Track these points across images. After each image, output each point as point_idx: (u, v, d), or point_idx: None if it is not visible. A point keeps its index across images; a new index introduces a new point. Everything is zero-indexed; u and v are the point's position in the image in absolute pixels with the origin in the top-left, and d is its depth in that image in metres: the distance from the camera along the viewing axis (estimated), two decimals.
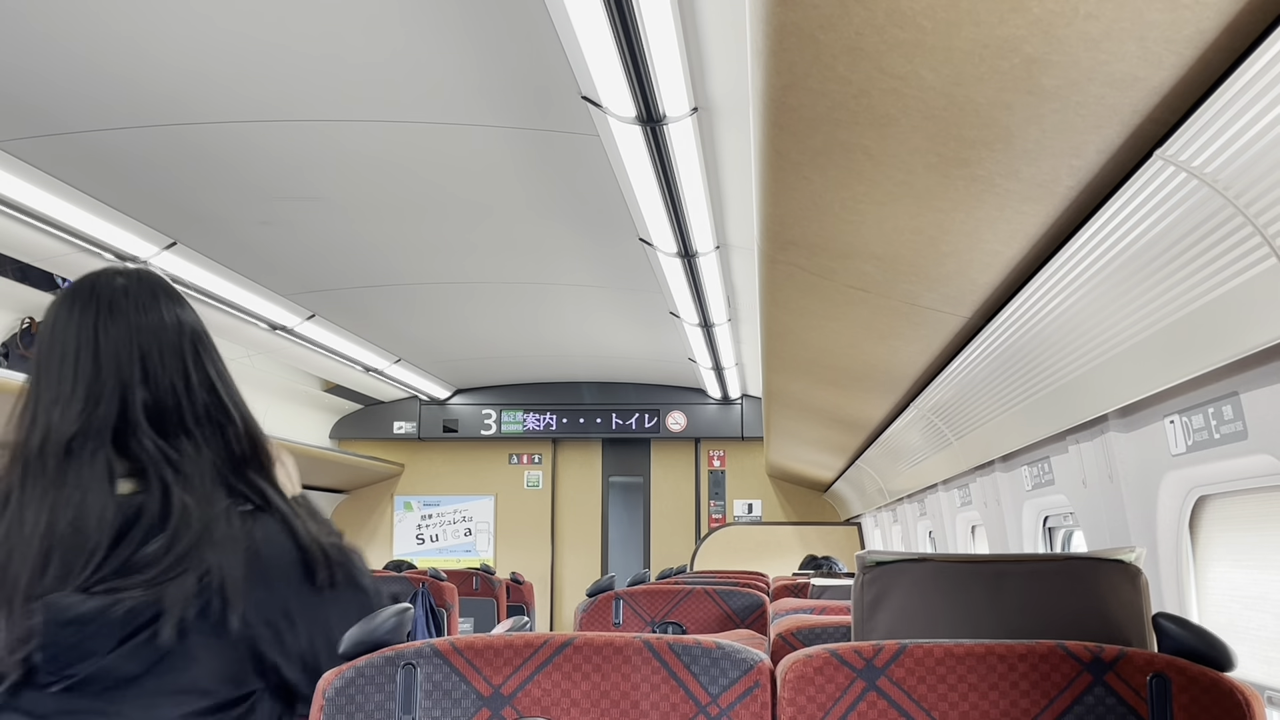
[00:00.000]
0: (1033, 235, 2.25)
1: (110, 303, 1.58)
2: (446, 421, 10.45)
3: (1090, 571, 1.71)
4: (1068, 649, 1.47)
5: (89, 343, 1.55)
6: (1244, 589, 2.49)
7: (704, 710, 1.50)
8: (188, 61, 3.39)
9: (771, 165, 2.23)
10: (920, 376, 3.95)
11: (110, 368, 1.54)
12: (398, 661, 1.52)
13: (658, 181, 4.02)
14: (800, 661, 1.50)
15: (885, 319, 3.29)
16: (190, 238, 5.00)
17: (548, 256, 5.88)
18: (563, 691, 1.51)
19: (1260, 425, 2.04)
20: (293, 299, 6.29)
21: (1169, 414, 2.42)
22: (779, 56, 1.70)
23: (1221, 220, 1.65)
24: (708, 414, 10.29)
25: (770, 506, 10.59)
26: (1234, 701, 1.41)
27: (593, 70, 3.14)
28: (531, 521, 10.69)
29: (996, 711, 1.45)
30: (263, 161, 4.25)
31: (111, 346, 1.55)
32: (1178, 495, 2.59)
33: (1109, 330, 2.25)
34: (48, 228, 4.45)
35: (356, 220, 5.11)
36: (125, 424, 1.52)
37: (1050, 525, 3.90)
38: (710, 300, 5.99)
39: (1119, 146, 1.78)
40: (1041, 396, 2.94)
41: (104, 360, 1.54)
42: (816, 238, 2.67)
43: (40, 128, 3.76)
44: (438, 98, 3.72)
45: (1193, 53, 1.47)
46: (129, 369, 1.55)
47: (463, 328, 7.85)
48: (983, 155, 1.92)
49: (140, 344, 1.56)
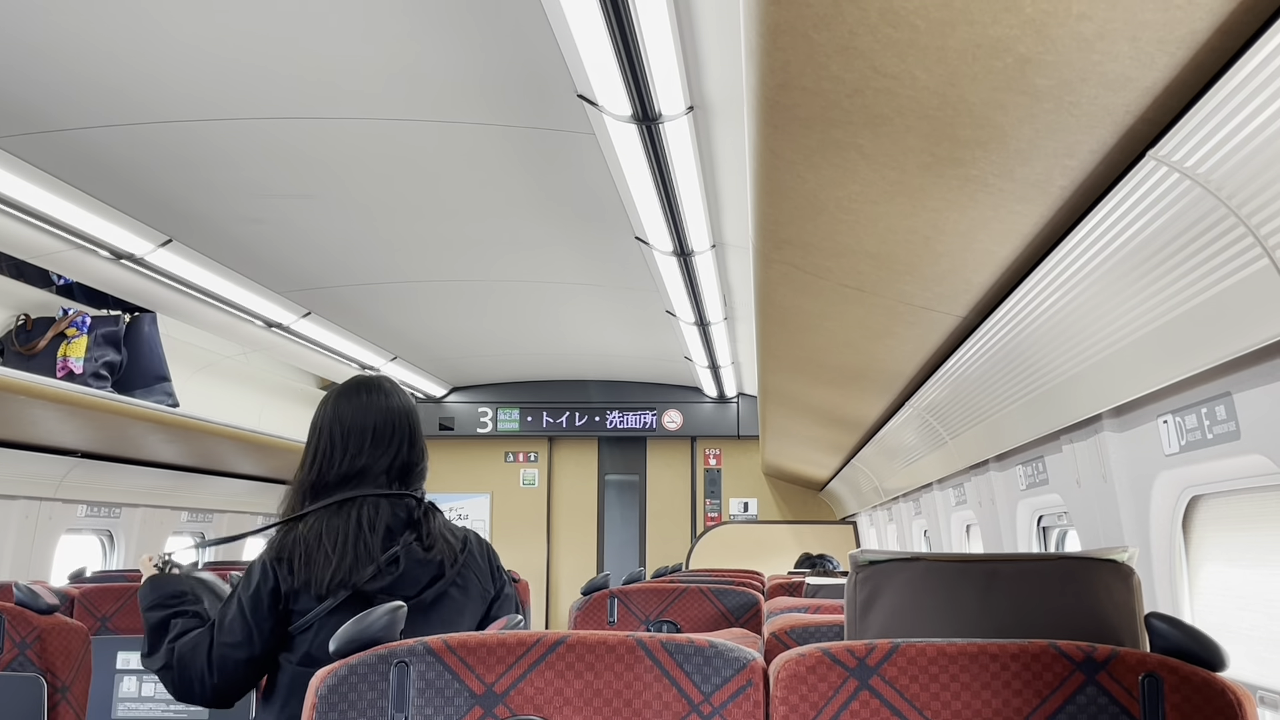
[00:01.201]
0: (1026, 235, 2.26)
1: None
2: (442, 419, 10.45)
3: (1083, 571, 1.72)
4: (1060, 649, 1.47)
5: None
6: (1236, 589, 2.49)
7: (696, 709, 1.50)
8: (183, 59, 3.39)
9: (766, 164, 2.23)
10: (915, 375, 3.96)
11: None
12: (390, 659, 1.52)
13: (653, 180, 4.02)
14: (793, 660, 1.50)
15: (880, 318, 3.29)
16: (186, 235, 4.99)
17: (544, 255, 5.88)
18: (555, 690, 1.51)
19: (1253, 425, 2.04)
20: (288, 297, 6.29)
21: (1162, 414, 2.43)
22: (773, 55, 1.71)
23: (1214, 221, 1.65)
24: (703, 413, 10.30)
25: (766, 505, 10.59)
26: (1226, 701, 1.41)
27: (588, 68, 3.14)
28: (527, 520, 10.69)
29: (989, 711, 1.46)
30: (257, 159, 4.24)
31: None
32: (1171, 495, 2.60)
33: (1103, 330, 2.26)
34: (43, 225, 4.44)
35: (353, 218, 5.11)
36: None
37: (1044, 525, 3.91)
38: (706, 299, 5.99)
39: (1112, 147, 1.78)
40: (1036, 396, 2.95)
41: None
42: (811, 237, 2.67)
43: (34, 125, 3.75)
44: (434, 96, 3.72)
45: (1185, 53, 1.47)
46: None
47: (459, 326, 7.85)
48: (976, 155, 1.92)
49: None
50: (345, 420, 2.40)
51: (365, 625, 1.55)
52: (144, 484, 6.75)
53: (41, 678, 2.53)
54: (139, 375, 6.25)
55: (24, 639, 2.54)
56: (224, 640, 2.21)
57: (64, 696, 2.56)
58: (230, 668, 2.20)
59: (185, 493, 7.30)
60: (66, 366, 5.91)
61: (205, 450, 6.94)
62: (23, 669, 2.54)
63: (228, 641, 2.20)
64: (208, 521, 7.75)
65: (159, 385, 6.29)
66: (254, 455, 7.58)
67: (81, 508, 6.21)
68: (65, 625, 2.61)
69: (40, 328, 5.97)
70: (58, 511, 5.94)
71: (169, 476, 6.92)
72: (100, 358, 6.04)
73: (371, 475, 2.38)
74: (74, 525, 6.22)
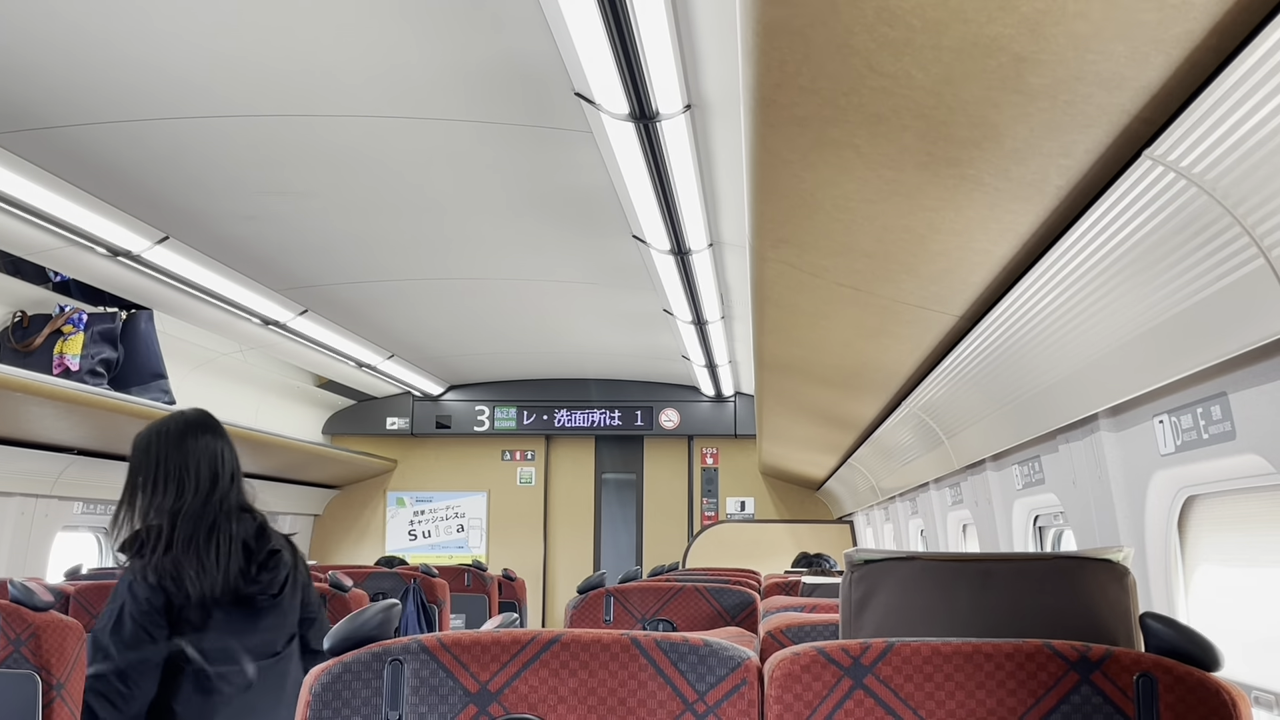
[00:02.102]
0: (1023, 234, 2.26)
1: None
2: (439, 417, 10.45)
3: (1078, 571, 1.71)
4: (1054, 648, 1.47)
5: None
6: (1231, 589, 2.49)
7: (691, 708, 1.50)
8: (178, 57, 3.39)
9: (762, 163, 2.23)
10: (912, 375, 3.96)
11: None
12: (385, 657, 1.52)
13: (651, 178, 4.02)
14: (787, 659, 1.50)
15: (877, 317, 3.29)
16: (182, 232, 4.99)
17: (541, 253, 5.88)
18: (550, 689, 1.51)
19: (1248, 425, 2.04)
20: (285, 294, 6.28)
21: (1158, 414, 2.43)
22: (769, 54, 1.70)
23: (1210, 220, 1.65)
24: (701, 411, 10.29)
25: (763, 504, 10.60)
26: (1220, 701, 1.41)
27: (586, 67, 3.14)
28: (524, 518, 10.68)
29: (983, 710, 1.46)
30: (254, 157, 4.24)
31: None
32: (1166, 495, 2.60)
33: (1099, 330, 2.26)
34: (39, 221, 4.44)
35: (350, 216, 5.11)
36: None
37: (1040, 524, 3.91)
38: (704, 298, 5.99)
39: (1107, 146, 1.78)
40: (1032, 396, 2.95)
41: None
42: (808, 235, 2.67)
43: (31, 122, 3.75)
44: (431, 94, 3.72)
45: (1181, 53, 1.47)
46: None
47: (456, 324, 7.84)
48: (972, 154, 1.92)
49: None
50: (198, 453, 2.84)
51: (360, 623, 1.55)
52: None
53: (36, 675, 2.53)
54: (135, 372, 6.25)
55: (19, 636, 2.54)
56: (131, 655, 2.60)
57: (59, 693, 2.56)
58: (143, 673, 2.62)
59: None
60: (63, 363, 5.91)
61: None
62: (17, 666, 2.53)
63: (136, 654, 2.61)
64: None
65: (155, 382, 6.28)
66: (250, 453, 7.57)
67: (77, 505, 6.20)
68: (60, 622, 2.61)
69: (37, 325, 5.96)
70: (53, 508, 5.94)
71: None
72: (97, 355, 6.04)
73: (228, 499, 2.84)
74: (70, 522, 6.21)
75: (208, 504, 2.77)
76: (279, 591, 2.82)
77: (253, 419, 7.98)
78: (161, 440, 2.83)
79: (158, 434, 2.84)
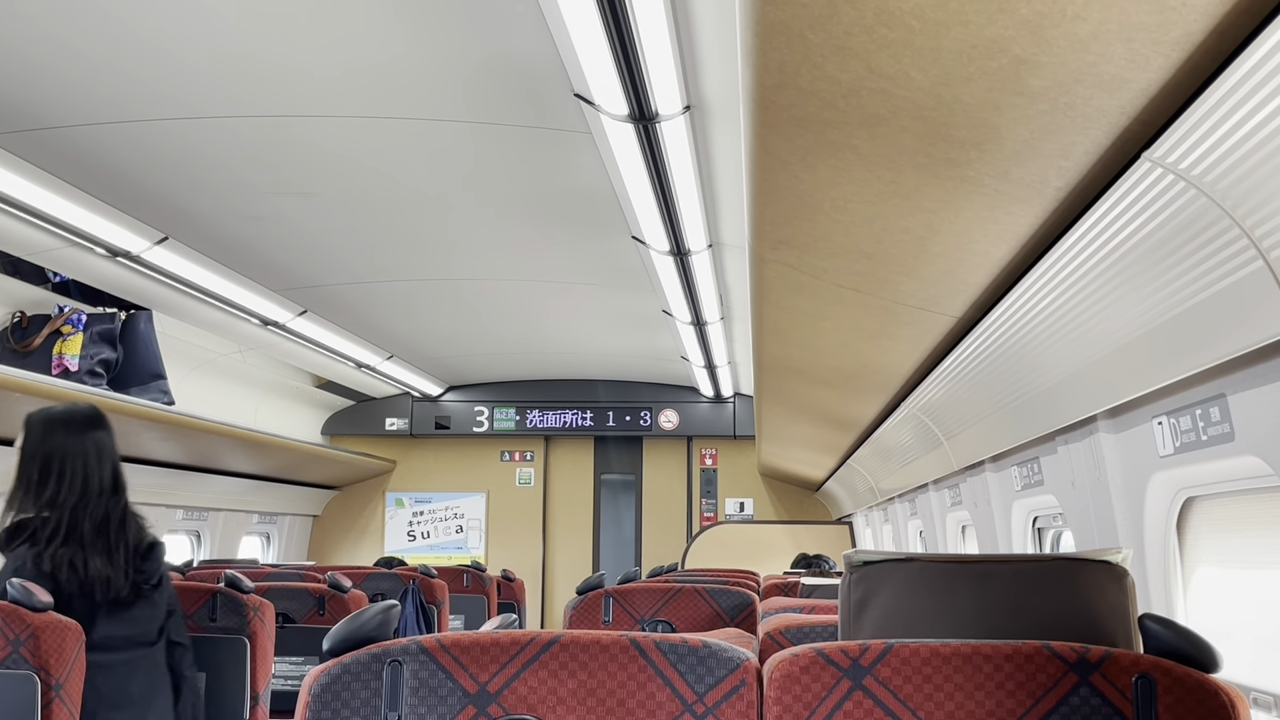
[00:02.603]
0: (1022, 236, 2.26)
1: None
2: (439, 418, 10.44)
3: (1077, 572, 1.71)
4: (1054, 650, 1.47)
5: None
6: (1230, 590, 2.49)
7: (690, 709, 1.50)
8: (177, 57, 3.39)
9: (761, 164, 2.23)
10: (911, 376, 3.96)
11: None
12: (384, 659, 1.52)
13: (650, 180, 4.02)
14: (786, 660, 1.50)
15: (876, 318, 3.29)
16: (181, 233, 4.98)
17: (540, 254, 5.88)
18: (549, 689, 1.51)
19: (1247, 427, 2.04)
20: (284, 295, 6.28)
21: (1157, 415, 2.43)
22: (768, 55, 1.70)
23: (1209, 222, 1.65)
24: (700, 412, 10.29)
25: (762, 505, 10.59)
26: (1219, 703, 1.41)
27: (585, 68, 3.14)
28: (523, 519, 10.68)
29: (982, 711, 1.46)
30: (254, 157, 4.24)
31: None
32: (1165, 496, 2.60)
33: (1098, 331, 2.26)
34: (39, 222, 4.44)
35: (349, 216, 5.11)
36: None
37: (1039, 526, 3.91)
38: (703, 299, 5.98)
39: (1107, 148, 1.78)
40: (1031, 397, 2.95)
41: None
42: (807, 237, 2.67)
43: (30, 122, 3.75)
44: (430, 94, 3.72)
45: (1180, 55, 1.47)
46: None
47: (455, 325, 7.84)
48: (972, 155, 1.92)
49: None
50: (100, 448, 2.91)
51: (359, 624, 1.55)
52: (139, 482, 6.68)
53: (35, 675, 2.53)
54: (135, 373, 6.24)
55: (17, 637, 2.54)
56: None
57: (57, 694, 2.56)
58: None
59: (180, 490, 7.29)
60: (62, 364, 5.91)
61: (201, 448, 6.93)
62: (16, 667, 2.53)
63: None
64: (203, 519, 7.74)
65: (155, 383, 6.28)
66: (250, 453, 7.57)
67: None
68: (59, 623, 2.61)
69: (36, 325, 5.96)
70: None
71: (164, 474, 6.91)
72: (96, 355, 6.03)
73: (123, 493, 2.95)
74: None
75: (114, 498, 2.89)
76: (159, 582, 2.94)
77: (252, 419, 7.98)
78: (64, 433, 2.87)
79: (61, 425, 2.88)
